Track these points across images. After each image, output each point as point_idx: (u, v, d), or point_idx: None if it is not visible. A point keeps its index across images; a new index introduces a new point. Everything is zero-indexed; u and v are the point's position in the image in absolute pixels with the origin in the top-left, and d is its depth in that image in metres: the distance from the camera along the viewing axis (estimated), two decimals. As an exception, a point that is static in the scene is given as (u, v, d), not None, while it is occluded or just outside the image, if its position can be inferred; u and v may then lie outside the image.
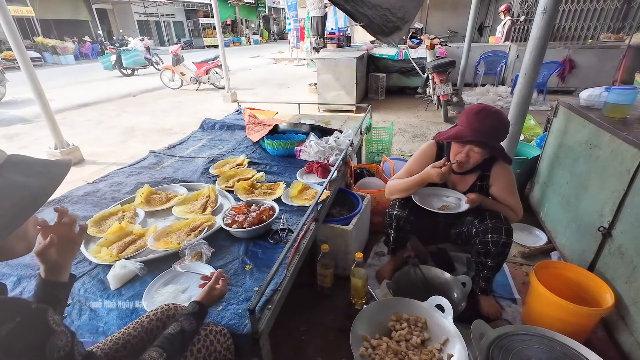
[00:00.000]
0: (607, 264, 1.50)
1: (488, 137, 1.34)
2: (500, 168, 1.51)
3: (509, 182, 1.51)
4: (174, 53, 7.88)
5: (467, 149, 1.40)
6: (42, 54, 15.00)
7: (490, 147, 1.38)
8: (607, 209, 1.52)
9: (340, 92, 5.52)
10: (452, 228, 1.70)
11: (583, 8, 6.71)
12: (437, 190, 1.61)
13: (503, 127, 1.36)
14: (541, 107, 5.25)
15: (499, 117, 1.35)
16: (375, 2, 6.01)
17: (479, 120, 1.34)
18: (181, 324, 0.83)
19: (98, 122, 5.55)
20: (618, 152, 1.50)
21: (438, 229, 1.75)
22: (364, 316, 1.36)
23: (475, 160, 1.42)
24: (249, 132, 2.65)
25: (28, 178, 0.60)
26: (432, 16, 8.89)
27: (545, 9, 1.76)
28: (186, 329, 0.83)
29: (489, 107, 1.37)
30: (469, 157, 1.41)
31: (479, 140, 1.34)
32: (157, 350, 0.75)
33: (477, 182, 1.56)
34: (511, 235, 1.43)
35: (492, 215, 1.44)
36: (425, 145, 1.65)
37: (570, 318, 1.34)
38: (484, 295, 1.62)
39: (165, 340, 0.78)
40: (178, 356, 0.81)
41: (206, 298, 0.94)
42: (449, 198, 1.57)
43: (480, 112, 1.35)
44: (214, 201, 1.69)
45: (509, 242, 1.42)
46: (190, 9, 25.87)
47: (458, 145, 1.44)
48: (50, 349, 0.54)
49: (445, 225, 1.72)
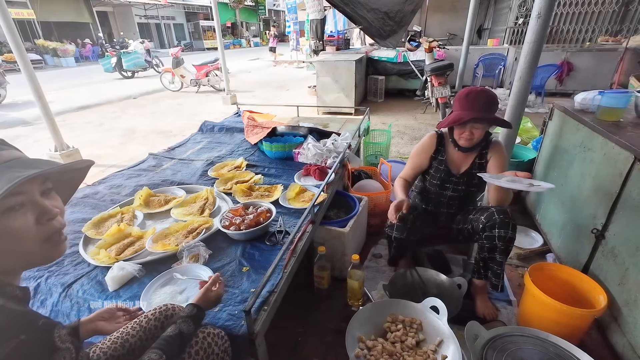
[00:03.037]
0: (601, 265, 1.51)
1: (483, 111, 1.46)
2: (497, 145, 1.63)
3: (505, 158, 1.62)
4: (174, 55, 7.92)
5: (469, 127, 1.51)
6: (43, 56, 15.05)
7: (488, 120, 1.49)
8: (601, 211, 1.54)
9: (339, 94, 5.55)
10: (455, 224, 1.74)
11: (581, 11, 6.74)
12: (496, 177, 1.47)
13: (493, 100, 1.48)
14: (539, 109, 5.27)
15: (486, 92, 1.49)
16: (374, 6, 6.07)
17: (470, 100, 1.47)
18: (179, 327, 0.84)
19: (98, 124, 5.57)
20: (611, 155, 1.52)
21: (440, 225, 1.80)
22: (359, 317, 1.37)
23: (479, 135, 1.53)
24: (247, 135, 2.67)
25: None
26: (431, 19, 8.93)
27: (540, 13, 1.78)
28: (184, 331, 0.84)
29: (475, 88, 1.52)
30: (472, 133, 1.52)
31: (477, 117, 1.45)
32: (156, 352, 0.76)
33: (477, 159, 1.65)
34: (516, 230, 1.48)
35: (499, 210, 1.49)
36: (425, 137, 1.74)
37: (563, 319, 1.35)
38: (484, 296, 1.65)
39: (164, 343, 0.79)
40: (176, 358, 0.82)
41: (203, 300, 0.95)
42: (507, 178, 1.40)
43: (469, 94, 1.49)
44: (212, 203, 1.71)
45: (513, 237, 1.47)
46: (191, 12, 25.97)
47: (460, 127, 1.54)
48: None
49: (447, 220, 1.77)
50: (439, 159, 1.70)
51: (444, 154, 1.69)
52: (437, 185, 1.72)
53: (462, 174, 1.67)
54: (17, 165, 0.56)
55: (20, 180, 0.52)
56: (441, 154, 1.70)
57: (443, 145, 1.70)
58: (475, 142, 1.56)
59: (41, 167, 0.58)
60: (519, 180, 1.34)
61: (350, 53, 6.40)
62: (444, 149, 1.70)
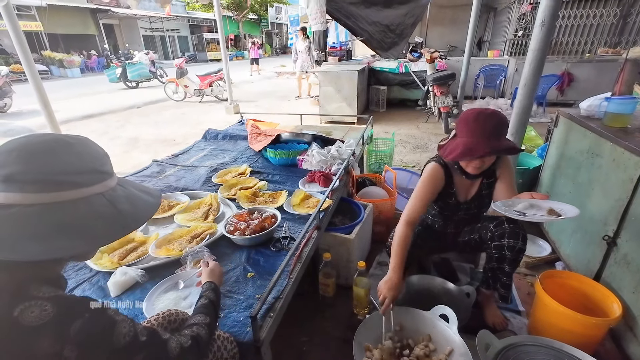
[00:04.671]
0: (613, 273, 1.48)
1: (495, 138, 1.29)
2: (504, 159, 1.49)
3: (513, 172, 1.51)
4: (178, 66, 8.02)
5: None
6: (49, 67, 15.32)
7: (502, 151, 1.32)
8: (612, 217, 1.51)
9: (341, 104, 5.59)
10: (460, 237, 1.67)
11: (580, 23, 6.84)
12: (516, 202, 1.33)
13: (504, 123, 1.33)
14: (541, 119, 5.29)
15: (497, 115, 1.32)
16: (375, 19, 6.18)
17: (481, 125, 1.29)
18: (208, 297, 0.90)
19: (102, 133, 5.61)
20: (620, 161, 1.50)
21: (446, 239, 1.72)
22: (366, 326, 1.33)
23: (490, 162, 1.40)
24: (251, 142, 2.67)
25: (140, 193, 0.70)
26: (431, 32, 9.07)
27: (544, 21, 1.79)
28: (214, 300, 0.90)
29: (484, 110, 1.33)
30: (483, 162, 1.37)
31: (493, 150, 1.28)
32: (201, 315, 0.83)
33: (484, 180, 1.52)
34: (526, 241, 1.40)
35: (509, 219, 1.39)
36: (429, 169, 1.50)
37: (577, 329, 1.31)
38: (493, 305, 1.60)
39: (202, 309, 0.86)
40: (215, 322, 0.87)
41: (211, 276, 1.01)
42: (523, 204, 1.29)
43: (478, 117, 1.30)
44: (216, 209, 1.69)
45: (524, 248, 1.39)
46: (195, 25, 26.50)
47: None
48: (117, 336, 0.59)
49: (454, 235, 1.69)
50: (448, 192, 1.54)
51: (453, 187, 1.53)
52: (446, 217, 1.63)
53: (471, 199, 1.56)
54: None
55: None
56: (450, 187, 1.53)
57: (450, 177, 1.52)
58: (484, 169, 1.42)
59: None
60: (537, 204, 1.22)
61: (353, 63, 6.48)
62: (452, 181, 1.53)
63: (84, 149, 0.61)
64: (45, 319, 0.51)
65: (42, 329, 0.51)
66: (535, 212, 1.21)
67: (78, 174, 0.58)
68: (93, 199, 0.60)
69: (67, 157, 0.58)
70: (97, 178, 0.61)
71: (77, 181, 0.58)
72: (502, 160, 1.49)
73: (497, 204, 1.30)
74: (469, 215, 1.60)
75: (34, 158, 0.55)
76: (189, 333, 0.76)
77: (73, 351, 0.52)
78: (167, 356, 0.67)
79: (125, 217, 0.62)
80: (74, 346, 0.53)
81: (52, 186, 0.55)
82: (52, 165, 0.56)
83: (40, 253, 0.53)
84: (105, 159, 0.65)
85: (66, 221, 0.55)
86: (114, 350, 0.58)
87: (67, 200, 0.56)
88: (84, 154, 0.61)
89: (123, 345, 0.59)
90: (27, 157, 0.55)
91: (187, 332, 0.76)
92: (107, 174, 0.64)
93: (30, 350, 0.50)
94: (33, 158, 0.55)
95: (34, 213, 0.53)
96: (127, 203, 0.64)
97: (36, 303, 0.52)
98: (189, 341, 0.73)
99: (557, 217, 1.16)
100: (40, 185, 0.54)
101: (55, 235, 0.54)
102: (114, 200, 0.62)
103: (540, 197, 1.25)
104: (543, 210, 1.20)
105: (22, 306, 0.51)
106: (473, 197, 1.55)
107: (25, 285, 0.55)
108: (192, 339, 0.74)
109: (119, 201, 0.63)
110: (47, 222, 0.54)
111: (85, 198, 0.58)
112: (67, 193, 0.56)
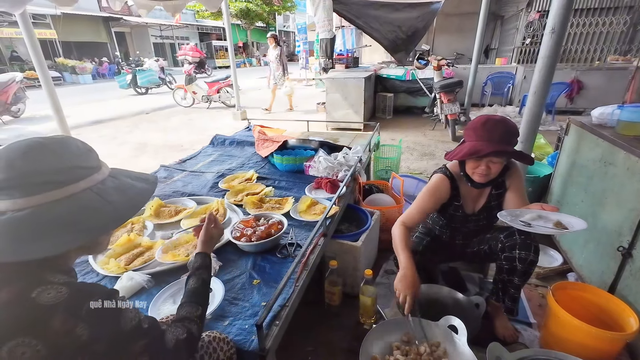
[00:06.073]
0: (629, 285, 1.43)
1: (503, 144, 1.28)
2: (514, 168, 1.45)
3: (523, 185, 1.47)
4: (187, 73, 8.15)
5: (486, 161, 1.34)
6: (62, 73, 15.66)
7: (509, 154, 1.32)
8: (626, 228, 1.47)
9: (348, 110, 5.60)
10: (469, 248, 1.64)
11: (589, 31, 6.80)
12: (520, 213, 1.31)
13: (513, 131, 1.31)
14: (550, 127, 5.22)
15: (505, 122, 1.31)
16: (387, 20, 6.18)
17: (488, 130, 1.29)
18: (201, 276, 0.90)
19: (111, 138, 5.69)
20: (635, 170, 1.46)
21: (455, 250, 1.68)
22: (374, 335, 1.31)
23: (497, 170, 1.35)
24: (258, 148, 2.68)
25: (134, 181, 0.73)
26: (438, 40, 9.10)
27: (554, 28, 1.78)
28: (207, 280, 0.91)
29: (493, 116, 1.32)
30: (489, 168, 1.34)
31: (497, 151, 1.28)
32: (191, 305, 0.83)
33: (493, 190, 1.49)
34: (538, 253, 1.36)
35: (520, 230, 1.34)
36: (435, 180, 1.49)
37: (592, 343, 1.27)
38: (503, 317, 1.56)
39: (192, 295, 0.86)
40: (206, 309, 0.88)
41: (206, 242, 0.99)
42: (531, 215, 1.27)
43: (486, 123, 1.30)
44: (223, 215, 1.69)
45: (535, 260, 1.35)
46: (204, 32, 26.97)
47: (475, 160, 1.36)
48: (124, 319, 0.63)
49: (462, 245, 1.66)
50: (454, 204, 1.51)
51: (459, 199, 1.50)
52: (454, 228, 1.60)
53: (479, 211, 1.52)
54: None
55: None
56: (456, 199, 1.50)
57: (457, 189, 1.48)
58: (491, 178, 1.38)
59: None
60: (545, 216, 1.20)
61: (359, 71, 6.50)
62: (457, 192, 1.49)
63: (60, 148, 0.63)
64: (60, 299, 0.56)
65: (57, 307, 0.55)
66: (542, 223, 1.19)
67: (57, 173, 0.60)
68: (81, 194, 0.62)
69: (42, 158, 0.60)
70: (81, 174, 0.63)
71: (59, 180, 0.60)
72: (512, 171, 1.46)
73: (503, 213, 1.29)
74: (479, 227, 1.57)
75: (13, 165, 0.58)
76: (182, 327, 0.77)
77: (85, 329, 0.56)
78: (165, 347, 0.70)
79: (116, 208, 0.65)
80: (86, 324, 0.57)
81: (35, 188, 0.58)
82: (29, 169, 0.58)
83: (40, 251, 0.56)
84: (88, 155, 0.67)
85: (58, 219, 0.59)
86: (120, 332, 0.62)
87: (54, 199, 0.59)
88: (61, 153, 0.62)
89: (129, 329, 0.64)
90: (7, 164, 0.58)
91: (180, 324, 0.77)
92: (92, 168, 0.66)
93: (46, 326, 0.54)
94: (12, 165, 0.58)
95: (26, 216, 0.57)
96: (117, 194, 0.67)
97: (52, 286, 0.57)
98: (184, 334, 0.75)
99: (564, 230, 1.14)
100: (25, 190, 0.57)
101: (50, 233, 0.57)
102: (102, 193, 0.65)
103: (550, 209, 1.23)
104: (550, 222, 1.18)
105: (39, 289, 0.56)
106: (481, 208, 1.52)
107: (42, 272, 0.60)
108: (187, 332, 0.76)
109: (108, 193, 0.66)
110: (40, 222, 0.57)
111: (72, 195, 0.61)
112: (52, 193, 0.59)
